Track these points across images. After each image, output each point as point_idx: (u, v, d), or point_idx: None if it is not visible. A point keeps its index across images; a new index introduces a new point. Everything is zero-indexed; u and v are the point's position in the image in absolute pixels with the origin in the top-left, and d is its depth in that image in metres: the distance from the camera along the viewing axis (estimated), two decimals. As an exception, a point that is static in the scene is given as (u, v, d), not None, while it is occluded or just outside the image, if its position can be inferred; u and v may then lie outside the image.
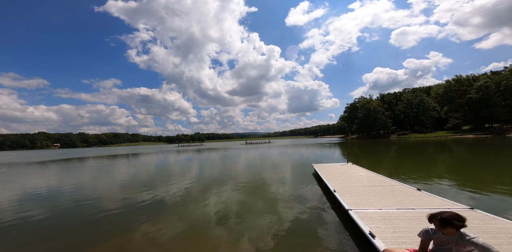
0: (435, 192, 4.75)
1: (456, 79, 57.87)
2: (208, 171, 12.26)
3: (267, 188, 7.27)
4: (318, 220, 4.23)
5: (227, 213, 4.94)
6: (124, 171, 14.06)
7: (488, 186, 6.25)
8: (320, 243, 3.34)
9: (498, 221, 2.98)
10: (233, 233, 3.86)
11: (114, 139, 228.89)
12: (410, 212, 3.51)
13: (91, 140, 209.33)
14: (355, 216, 3.43)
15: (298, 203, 5.37)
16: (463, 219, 1.92)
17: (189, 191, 7.34)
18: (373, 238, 2.70)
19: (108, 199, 6.73)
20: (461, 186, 6.39)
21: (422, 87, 79.84)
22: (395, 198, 4.31)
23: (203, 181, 9.00)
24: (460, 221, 1.91)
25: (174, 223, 4.47)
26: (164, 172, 12.63)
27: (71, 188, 8.69)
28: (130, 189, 7.98)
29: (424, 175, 8.28)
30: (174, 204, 5.90)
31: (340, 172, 7.51)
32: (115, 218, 5.02)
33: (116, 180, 10.39)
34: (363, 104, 74.00)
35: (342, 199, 4.32)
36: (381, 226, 3.05)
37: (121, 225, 4.51)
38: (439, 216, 1.96)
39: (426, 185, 6.60)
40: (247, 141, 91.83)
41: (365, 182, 5.91)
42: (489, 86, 48.65)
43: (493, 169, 9.26)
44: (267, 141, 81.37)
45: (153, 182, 9.34)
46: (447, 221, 1.91)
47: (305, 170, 10.42)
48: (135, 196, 6.87)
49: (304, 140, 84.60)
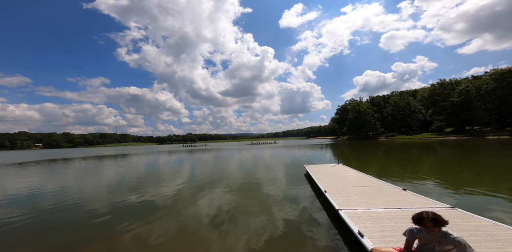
0: (419, 192, 4.96)
1: (440, 83, 60.67)
2: (206, 171, 12.13)
3: (261, 188, 7.29)
4: (310, 220, 4.30)
5: (219, 214, 4.91)
6: (112, 172, 13.62)
7: (468, 185, 6.60)
8: (311, 243, 3.40)
9: (477, 220, 3.17)
10: (225, 234, 3.85)
11: (101, 139, 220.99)
12: (396, 212, 3.65)
13: (76, 141, 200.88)
14: (344, 216, 3.52)
15: (290, 203, 5.44)
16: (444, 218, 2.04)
17: (183, 192, 7.23)
18: (362, 237, 2.79)
19: (94, 202, 6.51)
20: (444, 186, 6.71)
21: (409, 90, 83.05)
22: (382, 198, 4.46)
23: (196, 181, 8.89)
24: (444, 220, 2.02)
25: (165, 225, 4.40)
26: (168, 174, 12.36)
27: (53, 191, 8.31)
28: (118, 191, 7.75)
29: (410, 175, 8.62)
30: (165, 205, 5.78)
31: (330, 173, 7.66)
32: (101, 220, 4.86)
33: (103, 181, 10.04)
34: (354, 106, 75.93)
35: (333, 199, 4.42)
36: (369, 225, 3.16)
37: (108, 228, 4.38)
38: (429, 217, 2.04)
39: (412, 185, 6.88)
40: (253, 141, 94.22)
41: (355, 182, 6.07)
42: (470, 90, 51.35)
43: (473, 169, 9.79)
44: (273, 141, 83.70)
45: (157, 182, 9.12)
46: (436, 221, 2.01)
47: (297, 171, 10.56)
48: (123, 198, 6.68)
49: (298, 141, 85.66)
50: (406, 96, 71.52)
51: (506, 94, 46.19)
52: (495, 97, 48.71)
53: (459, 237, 1.95)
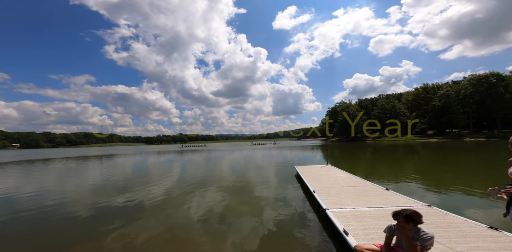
0: (401, 191, 5.26)
1: (423, 87, 63.83)
2: (197, 171, 12.02)
3: (253, 189, 7.38)
4: (299, 220, 4.45)
5: (210, 215, 4.94)
6: (96, 173, 13.16)
7: (446, 185, 7.07)
8: (300, 241, 3.54)
9: (450, 217, 3.45)
10: (216, 235, 3.90)
11: (85, 139, 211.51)
12: (379, 210, 3.88)
13: (57, 140, 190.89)
14: (331, 215, 3.70)
15: (281, 204, 5.58)
16: (421, 216, 2.23)
17: (173, 193, 7.16)
18: (347, 235, 2.96)
19: (76, 204, 6.31)
20: (424, 185, 7.14)
21: (395, 94, 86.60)
22: (366, 198, 4.70)
23: (188, 182, 8.83)
24: (419, 218, 2.21)
25: (153, 227, 4.37)
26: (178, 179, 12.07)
27: (31, 193, 7.93)
28: (103, 193, 7.54)
29: (394, 175, 9.08)
30: (153, 207, 5.72)
31: (320, 174, 7.90)
32: (84, 223, 4.75)
33: (86, 183, 9.70)
34: (343, 109, 78.21)
35: (321, 199, 4.60)
36: (354, 224, 3.35)
37: (92, 231, 4.28)
38: (404, 213, 2.23)
39: (395, 184, 7.25)
40: (253, 142, 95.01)
41: (342, 183, 6.32)
42: (450, 94, 54.43)
43: (451, 170, 10.45)
44: (272, 142, 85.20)
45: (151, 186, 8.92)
46: (410, 218, 2.20)
47: (288, 171, 10.77)
48: (108, 200, 6.52)
49: (289, 142, 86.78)
50: (392, 99, 74.51)
51: (483, 99, 49.39)
52: (473, 101, 51.93)
53: (428, 235, 2.12)
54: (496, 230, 2.89)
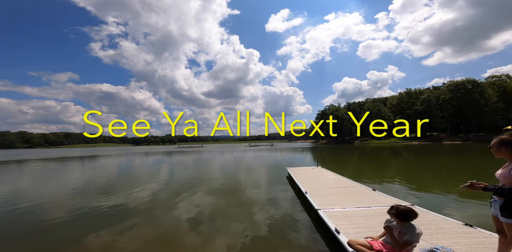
0: (387, 192, 5.54)
1: (406, 92, 67.21)
2: (186, 173, 11.83)
3: (245, 190, 7.43)
4: (292, 220, 4.57)
5: (201, 217, 4.93)
6: (77, 175, 12.57)
7: (428, 185, 7.54)
8: (294, 241, 3.65)
9: (430, 215, 3.72)
10: (207, 237, 3.91)
11: (66, 139, 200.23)
12: (367, 210, 4.10)
13: (34, 141, 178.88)
14: (323, 215, 3.85)
15: (274, 204, 5.68)
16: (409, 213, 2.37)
17: (165, 195, 7.04)
18: (338, 234, 3.11)
19: (54, 208, 5.99)
20: (407, 185, 7.56)
21: (381, 98, 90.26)
22: (355, 198, 4.92)
23: (179, 183, 8.69)
24: (404, 218, 2.39)
25: (140, 230, 4.27)
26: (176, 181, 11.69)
27: (3, 195, 7.47)
28: (85, 196, 7.23)
29: (380, 176, 9.51)
30: (141, 210, 5.60)
31: (310, 175, 8.11)
32: (64, 227, 4.54)
33: (65, 186, 9.25)
34: (332, 112, 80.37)
35: (312, 200, 4.76)
36: (345, 223, 3.52)
37: (71, 236, 4.09)
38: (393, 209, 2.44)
39: (381, 185, 7.62)
40: (251, 143, 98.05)
41: (332, 184, 6.55)
42: (430, 99, 57.71)
43: (432, 171, 11.12)
44: (270, 143, 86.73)
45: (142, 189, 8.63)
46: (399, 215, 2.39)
47: (280, 173, 10.95)
48: (90, 203, 6.25)
49: (280, 144, 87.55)
50: (378, 103, 77.76)
51: (459, 104, 52.85)
52: (451, 106, 55.41)
53: (416, 231, 2.32)
54: (471, 227, 3.16)
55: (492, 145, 2.17)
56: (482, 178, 2.45)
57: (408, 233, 2.32)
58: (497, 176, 2.16)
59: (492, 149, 2.18)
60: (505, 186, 2.03)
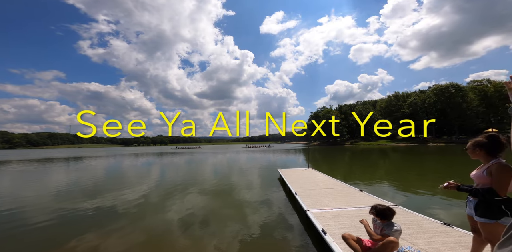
0: (374, 192, 5.74)
1: (394, 95, 69.51)
2: (177, 174, 11.64)
3: (238, 191, 7.43)
4: (282, 221, 4.63)
5: (192, 218, 4.89)
6: (61, 177, 12.08)
7: (413, 186, 7.84)
8: (283, 242, 3.70)
9: (412, 215, 3.89)
10: (197, 239, 3.89)
11: (50, 140, 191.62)
12: (354, 210, 4.22)
13: (15, 141, 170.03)
14: (311, 215, 3.94)
15: (265, 206, 5.74)
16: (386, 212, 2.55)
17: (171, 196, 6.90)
18: (325, 234, 3.19)
19: (35, 210, 5.80)
20: (393, 186, 7.84)
21: (371, 101, 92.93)
22: (343, 199, 5.06)
23: (170, 185, 8.55)
24: (380, 216, 2.55)
25: (129, 233, 4.19)
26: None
27: None
28: (72, 199, 6.98)
29: (369, 177, 9.80)
30: (130, 212, 5.47)
31: (301, 176, 8.23)
32: (45, 231, 4.38)
33: (48, 188, 8.87)
34: (324, 114, 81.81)
35: (302, 201, 4.85)
36: (332, 224, 3.61)
37: (54, 239, 3.97)
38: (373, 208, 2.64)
39: (369, 186, 7.85)
40: (248, 145, 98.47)
41: (322, 185, 6.68)
42: (417, 102, 59.95)
43: (417, 172, 11.57)
44: (267, 145, 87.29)
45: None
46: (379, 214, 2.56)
47: (272, 174, 11.05)
48: (75, 206, 6.04)
49: (276, 146, 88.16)
50: (368, 105, 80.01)
51: (443, 107, 55.27)
52: (435, 109, 57.84)
53: (394, 228, 2.47)
54: (449, 226, 3.34)
55: (468, 147, 2.25)
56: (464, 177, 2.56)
57: (388, 229, 2.48)
58: (472, 176, 2.25)
59: (468, 151, 2.26)
60: (479, 187, 2.12)
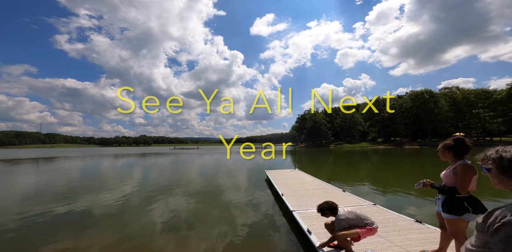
0: (355, 192, 6.05)
1: (375, 99, 73.35)
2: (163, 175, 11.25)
3: (225, 192, 7.39)
4: (269, 222, 4.72)
5: (177, 220, 4.81)
6: (30, 179, 11.15)
7: (390, 186, 8.36)
8: (269, 242, 3.79)
9: (389, 213, 4.19)
10: (184, 243, 3.85)
11: (17, 139, 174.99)
12: (337, 210, 4.44)
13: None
14: (297, 216, 4.07)
15: (252, 206, 5.80)
16: (334, 207, 2.92)
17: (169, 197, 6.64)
18: (310, 234, 3.33)
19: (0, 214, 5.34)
20: (373, 186, 8.31)
21: (354, 104, 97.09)
22: (327, 199, 5.24)
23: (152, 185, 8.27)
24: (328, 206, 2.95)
25: (106, 237, 4.02)
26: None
27: None
28: (40, 201, 6.48)
29: (351, 178, 10.28)
30: (109, 215, 5.24)
31: (288, 178, 8.42)
32: (11, 236, 4.09)
33: (13, 190, 8.17)
34: (311, 116, 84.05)
35: (288, 202, 4.98)
36: (316, 223, 3.77)
37: (20, 246, 3.70)
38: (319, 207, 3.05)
39: (351, 186, 8.24)
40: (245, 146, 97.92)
41: (307, 186, 6.90)
42: (395, 107, 63.81)
43: (394, 173, 12.35)
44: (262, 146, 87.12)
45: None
46: (326, 210, 2.95)
47: (260, 175, 11.15)
48: (49, 209, 5.63)
49: None
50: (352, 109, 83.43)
51: (418, 112, 59.40)
52: (411, 114, 61.98)
53: (337, 221, 2.79)
54: (421, 223, 3.64)
55: (438, 150, 2.50)
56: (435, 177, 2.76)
57: (336, 224, 2.83)
58: (441, 176, 2.49)
59: (438, 153, 2.50)
60: (446, 185, 2.37)
